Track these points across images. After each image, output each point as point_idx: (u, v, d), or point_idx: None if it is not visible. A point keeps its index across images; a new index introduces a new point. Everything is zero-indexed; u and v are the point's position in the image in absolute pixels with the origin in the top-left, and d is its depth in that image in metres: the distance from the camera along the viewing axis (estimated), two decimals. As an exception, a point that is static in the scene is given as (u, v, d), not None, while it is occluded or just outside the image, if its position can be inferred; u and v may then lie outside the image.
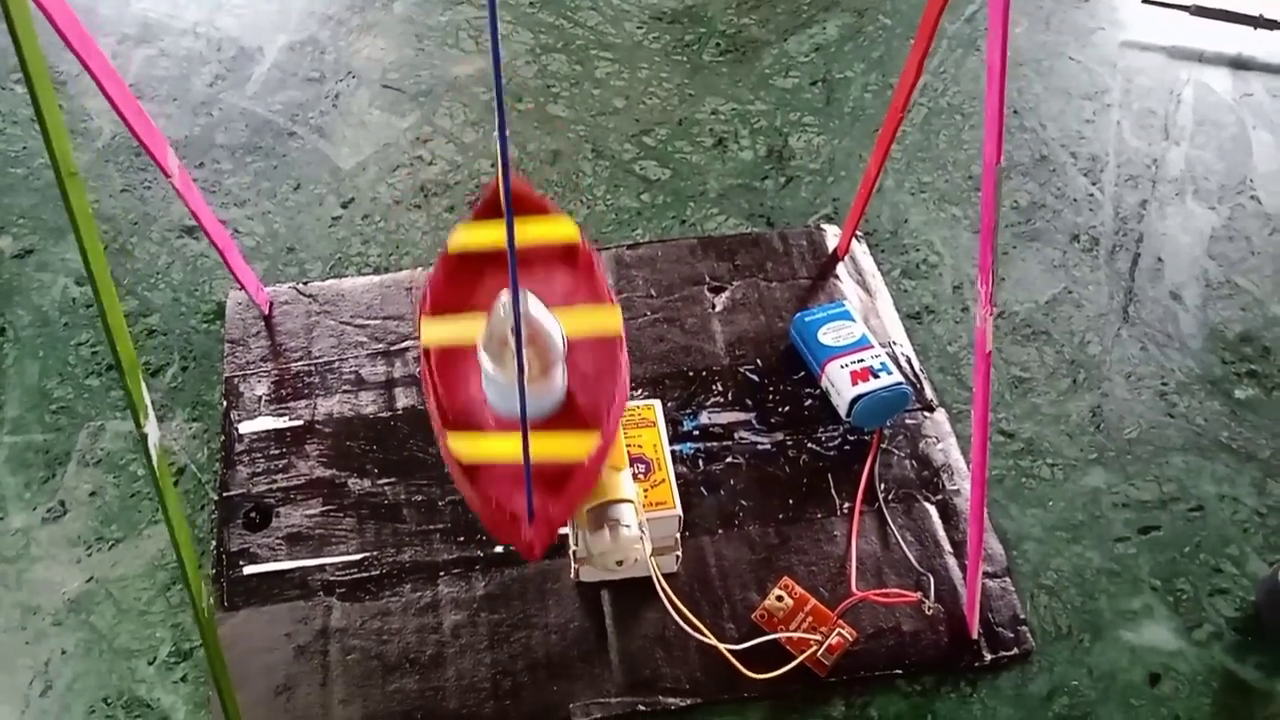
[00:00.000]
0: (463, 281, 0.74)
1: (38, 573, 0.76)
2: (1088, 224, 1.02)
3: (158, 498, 0.55)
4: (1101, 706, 0.75)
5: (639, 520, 0.71)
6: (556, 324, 0.67)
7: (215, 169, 1.01)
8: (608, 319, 0.70)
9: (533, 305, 0.66)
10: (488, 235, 0.74)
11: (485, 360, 0.66)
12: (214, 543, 0.78)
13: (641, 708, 0.72)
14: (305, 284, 0.93)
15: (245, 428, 0.84)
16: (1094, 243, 1.01)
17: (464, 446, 0.64)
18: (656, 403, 0.81)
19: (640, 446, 0.77)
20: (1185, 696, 0.75)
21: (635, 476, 0.75)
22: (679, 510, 0.74)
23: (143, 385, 0.55)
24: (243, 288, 0.87)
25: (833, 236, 0.99)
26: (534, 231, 0.74)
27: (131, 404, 0.54)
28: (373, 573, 0.77)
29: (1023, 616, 0.78)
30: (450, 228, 0.98)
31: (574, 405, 0.69)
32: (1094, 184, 1.06)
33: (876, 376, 0.85)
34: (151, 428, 0.56)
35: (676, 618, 0.70)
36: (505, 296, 0.65)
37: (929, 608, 0.76)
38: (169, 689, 0.72)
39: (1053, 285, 0.98)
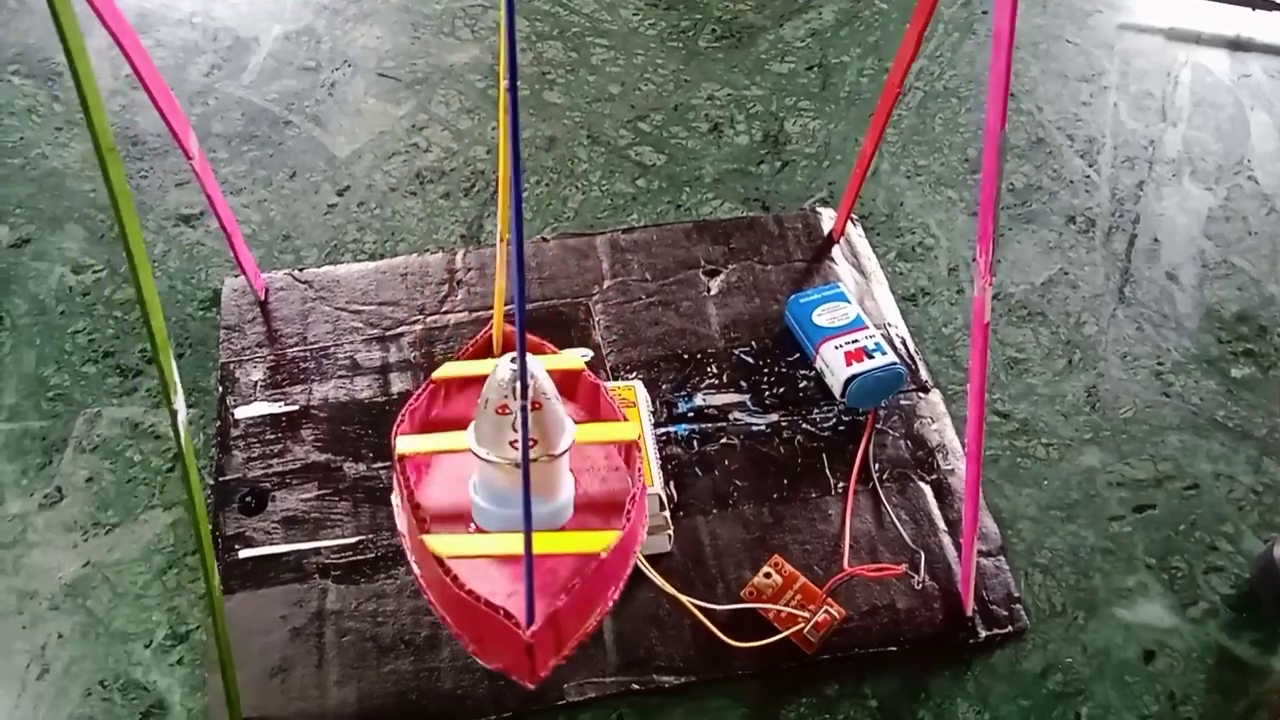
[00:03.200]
0: (446, 406, 0.69)
1: (35, 558, 0.77)
2: (1084, 205, 1.02)
3: (183, 474, 0.56)
4: (1096, 683, 0.75)
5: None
6: (563, 410, 0.59)
7: (211, 158, 1.01)
8: (622, 431, 0.65)
9: (540, 374, 0.57)
10: (475, 369, 0.68)
11: (475, 444, 0.58)
12: (210, 527, 0.78)
13: (635, 686, 0.72)
14: (301, 270, 0.93)
15: (241, 413, 0.84)
16: (1090, 224, 1.01)
17: (444, 545, 0.57)
18: (638, 383, 0.81)
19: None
20: (1180, 673, 0.75)
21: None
22: (659, 489, 0.74)
23: (173, 363, 0.55)
24: (244, 273, 0.88)
25: (828, 219, 0.99)
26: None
27: (163, 380, 0.54)
28: (367, 555, 0.77)
29: (1017, 594, 0.78)
30: (446, 214, 0.99)
31: (583, 521, 0.62)
32: (1090, 166, 1.06)
33: (871, 357, 0.85)
34: (180, 404, 0.56)
35: (667, 595, 0.71)
36: (504, 362, 0.58)
37: (918, 581, 0.76)
38: (165, 672, 0.72)
39: (1048, 266, 0.98)
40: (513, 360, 0.56)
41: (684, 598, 0.72)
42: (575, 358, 0.69)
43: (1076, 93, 1.12)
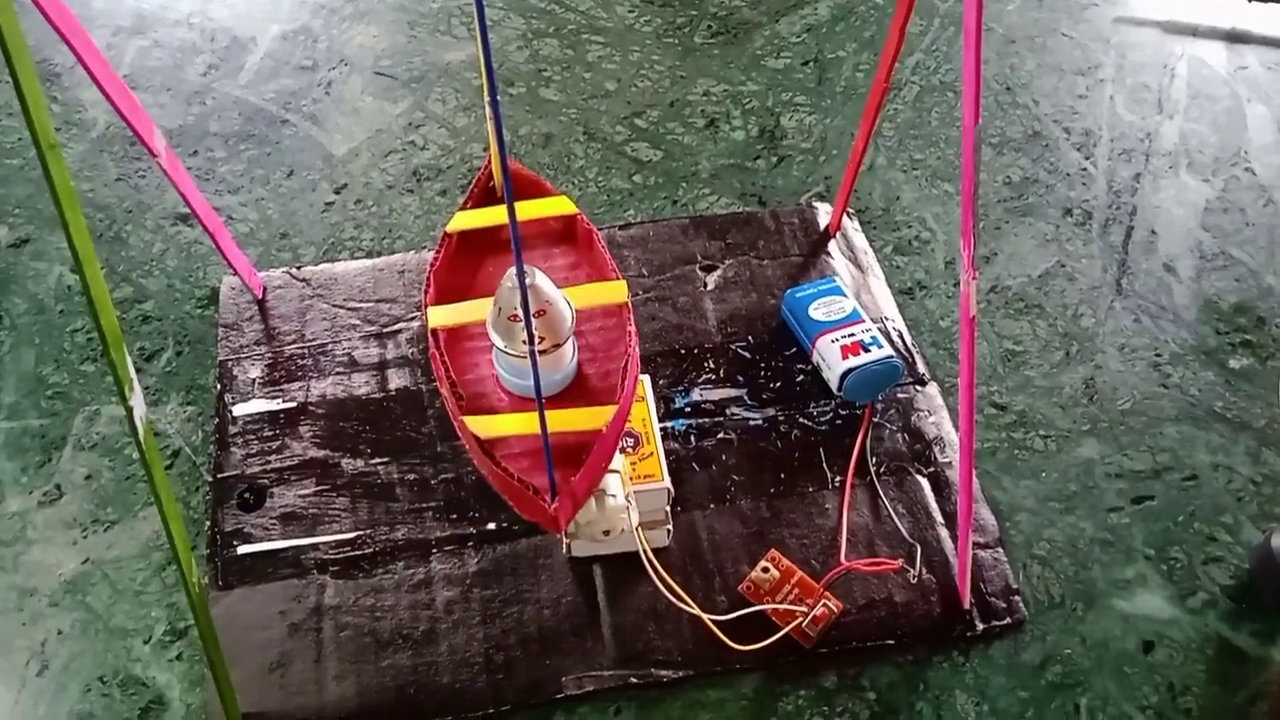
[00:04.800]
0: (465, 265, 0.75)
1: (34, 555, 0.77)
2: (1081, 198, 1.02)
3: (145, 469, 0.55)
4: (1095, 675, 0.75)
5: (625, 491, 0.71)
6: (564, 298, 0.69)
7: (209, 157, 1.01)
8: (614, 291, 0.72)
9: (540, 280, 0.67)
10: (485, 218, 0.76)
11: (495, 337, 0.67)
12: (208, 523, 0.78)
13: (634, 680, 0.73)
14: (298, 268, 0.93)
15: (239, 410, 0.84)
16: (1087, 216, 1.01)
17: (482, 426, 0.66)
18: (646, 378, 0.81)
19: (629, 420, 0.77)
20: (1179, 664, 0.75)
21: (624, 450, 0.76)
22: (668, 483, 0.75)
23: (128, 359, 0.55)
24: (235, 272, 0.88)
25: (824, 214, 0.99)
26: (532, 210, 0.76)
27: (116, 378, 0.55)
28: (366, 550, 0.78)
29: (1015, 586, 0.78)
30: (443, 211, 0.99)
31: (586, 378, 0.70)
32: (1087, 158, 1.06)
33: (867, 350, 0.85)
34: (137, 400, 0.56)
35: (663, 589, 0.71)
36: (512, 272, 0.66)
37: (913, 575, 0.76)
38: (164, 667, 0.72)
39: (1045, 259, 0.98)
40: (508, 279, 0.66)
41: (683, 598, 0.72)
42: (568, 202, 0.76)
43: (1073, 86, 1.12)
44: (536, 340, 0.65)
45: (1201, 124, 1.09)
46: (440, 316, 0.71)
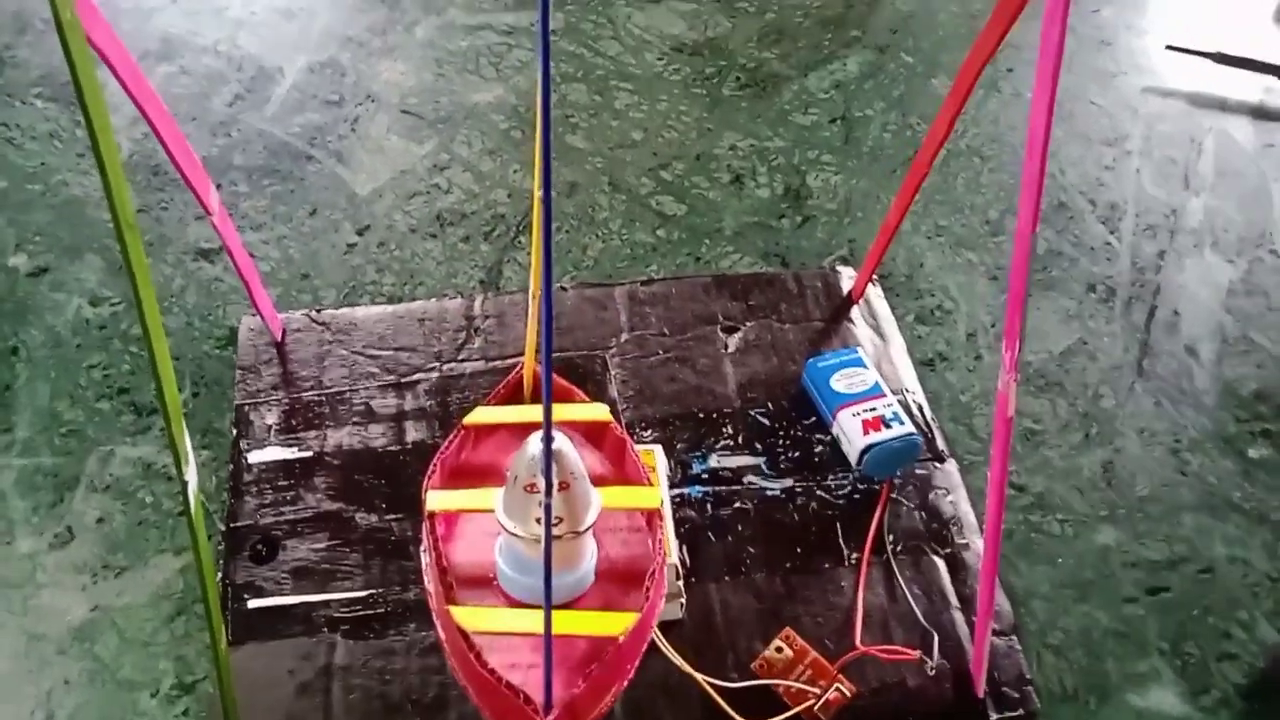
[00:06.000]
0: (477, 457, 0.70)
1: (43, 599, 0.76)
2: (1104, 274, 1.02)
3: (193, 547, 0.55)
4: (1105, 771, 0.74)
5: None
6: (592, 487, 0.61)
7: (232, 191, 1.01)
8: (645, 496, 0.65)
9: (566, 450, 0.58)
10: (506, 416, 0.70)
11: (503, 517, 0.59)
12: (220, 575, 0.78)
13: (643, 756, 0.72)
14: (319, 311, 0.92)
15: (254, 457, 0.83)
16: (1110, 293, 1.01)
17: (470, 619, 0.58)
18: (658, 448, 0.81)
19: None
20: (1190, 763, 0.75)
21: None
22: (676, 560, 0.74)
23: (186, 435, 0.55)
24: (261, 316, 0.87)
25: (847, 279, 0.98)
26: (564, 415, 0.70)
27: (175, 452, 0.54)
28: (377, 610, 0.77)
29: (1029, 676, 0.77)
30: (465, 259, 0.98)
31: (602, 590, 0.63)
32: (1112, 233, 1.05)
33: (888, 426, 0.84)
34: (192, 475, 0.56)
35: (677, 666, 0.70)
36: (534, 439, 0.58)
37: (930, 667, 0.75)
38: (169, 723, 0.72)
39: (1068, 336, 0.97)
40: (530, 446, 0.58)
41: (696, 675, 0.71)
42: (603, 409, 0.69)
43: (1100, 156, 1.12)
44: (554, 522, 0.56)
45: (1228, 202, 1.09)
46: (442, 502, 0.64)
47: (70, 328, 0.91)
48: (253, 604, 0.76)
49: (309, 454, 0.84)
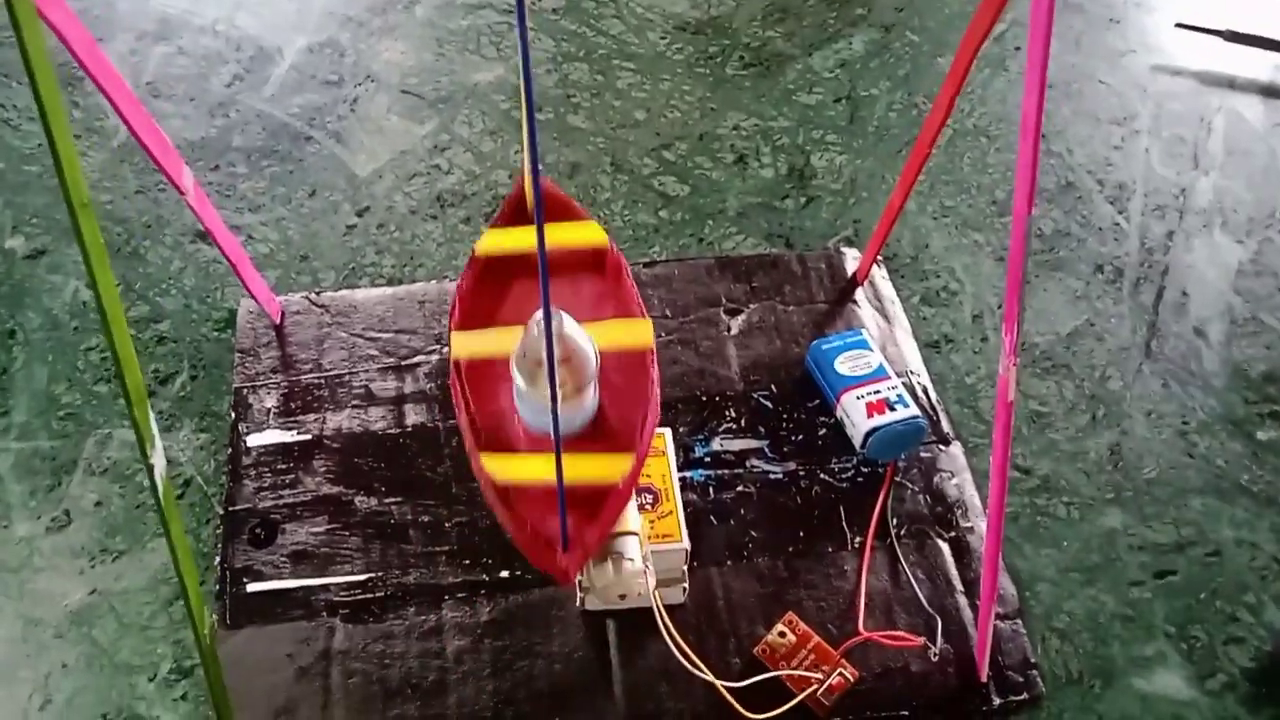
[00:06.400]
0: (492, 290, 0.74)
1: (40, 583, 0.76)
2: (1112, 254, 1.01)
3: (163, 529, 0.54)
4: (1110, 755, 0.74)
5: (643, 553, 0.70)
6: (590, 341, 0.68)
7: (231, 172, 1.00)
8: (639, 333, 0.72)
9: (567, 325, 0.66)
10: (516, 240, 0.75)
11: (518, 377, 0.66)
12: (218, 559, 0.77)
13: (643, 742, 0.72)
14: (318, 294, 0.92)
15: (253, 440, 0.83)
16: (1118, 274, 0.99)
17: (498, 467, 0.65)
18: (667, 431, 0.80)
19: (649, 476, 0.76)
20: (1196, 747, 0.74)
21: (642, 507, 0.74)
22: (686, 544, 0.73)
23: (150, 417, 0.54)
24: (255, 299, 0.86)
25: (852, 260, 0.97)
26: (562, 236, 0.75)
27: (139, 436, 0.53)
28: (376, 594, 0.76)
29: (1033, 660, 0.76)
30: (466, 240, 0.97)
31: (605, 420, 0.70)
32: (1120, 213, 1.04)
33: (893, 409, 0.84)
34: (158, 458, 0.55)
35: (678, 654, 0.69)
36: (539, 317, 0.66)
37: (934, 654, 0.75)
38: (169, 707, 0.71)
39: (1075, 317, 0.96)
40: (534, 324, 0.66)
41: (697, 664, 0.71)
42: (599, 230, 0.76)
43: (1108, 136, 1.11)
44: (559, 384, 0.63)
45: (1236, 181, 1.08)
46: (465, 346, 0.70)
47: (68, 310, 0.90)
48: (251, 588, 0.76)
49: (308, 437, 0.83)
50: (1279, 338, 0.96)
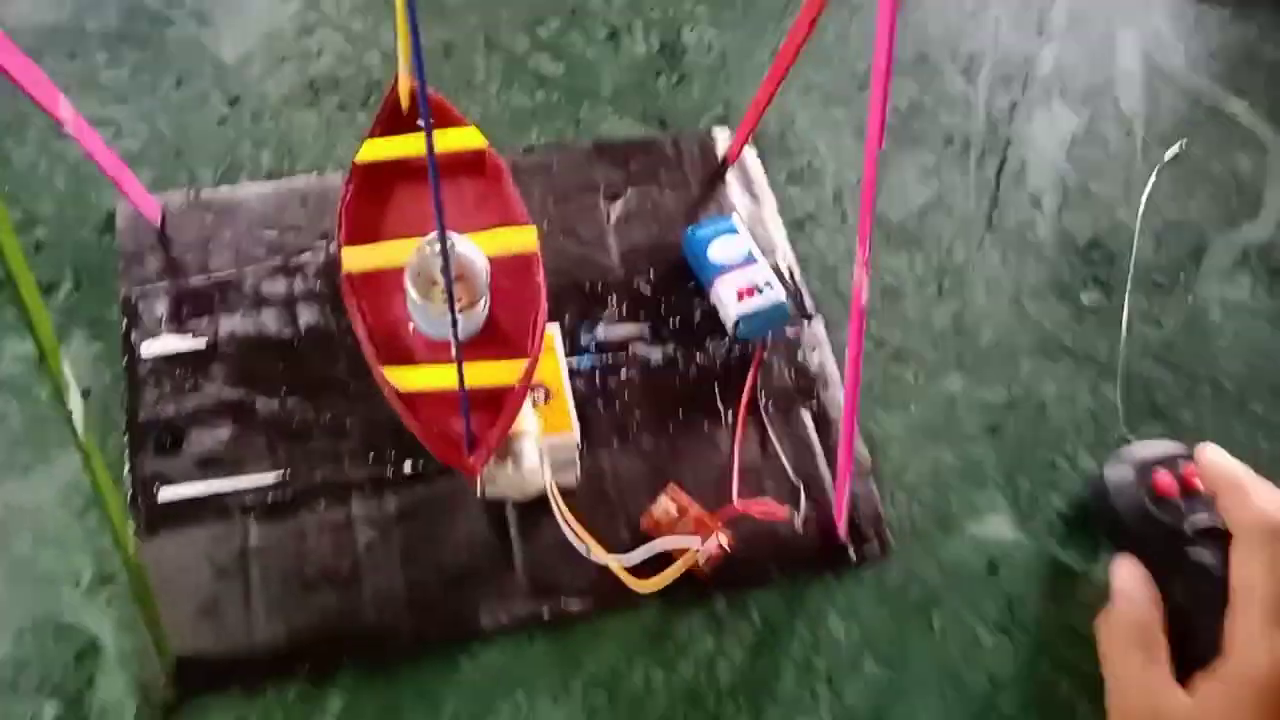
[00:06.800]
0: (376, 200, 0.78)
1: (-50, 502, 0.78)
2: (961, 127, 1.07)
3: (90, 477, 0.57)
4: (947, 594, 0.85)
5: (540, 448, 0.76)
6: (480, 254, 0.72)
7: (89, 63, 0.96)
8: (524, 239, 0.76)
9: (459, 244, 0.71)
10: (396, 148, 0.78)
11: (413, 292, 0.71)
12: (126, 468, 0.80)
13: (544, 612, 0.80)
14: (197, 192, 0.91)
15: (146, 349, 0.84)
16: (965, 146, 1.06)
17: (400, 378, 0.71)
18: (555, 327, 0.85)
19: (540, 374, 0.82)
20: (1019, 580, 0.86)
21: (534, 404, 0.80)
22: (577, 435, 0.80)
23: (64, 364, 0.56)
24: (139, 210, 0.86)
25: (723, 141, 1.01)
26: (442, 143, 0.78)
27: (55, 386, 0.55)
28: (286, 494, 0.81)
29: (884, 515, 0.87)
30: (342, 129, 0.97)
31: (497, 325, 0.75)
32: (969, 84, 1.10)
33: (760, 293, 0.90)
34: (76, 404, 0.57)
35: (573, 541, 0.77)
36: (430, 238, 0.71)
37: (798, 522, 0.84)
38: (95, 612, 0.76)
39: (925, 192, 1.03)
40: (425, 244, 0.71)
41: (592, 546, 0.78)
42: (476, 134, 0.80)
43: (961, 4, 1.15)
44: (456, 300, 0.67)
45: (1076, 50, 1.14)
46: (356, 260, 0.74)
47: (-67, 217, 0.88)
48: (163, 495, 0.80)
49: (202, 343, 0.85)
50: (1105, 208, 1.05)
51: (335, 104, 0.98)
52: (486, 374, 0.71)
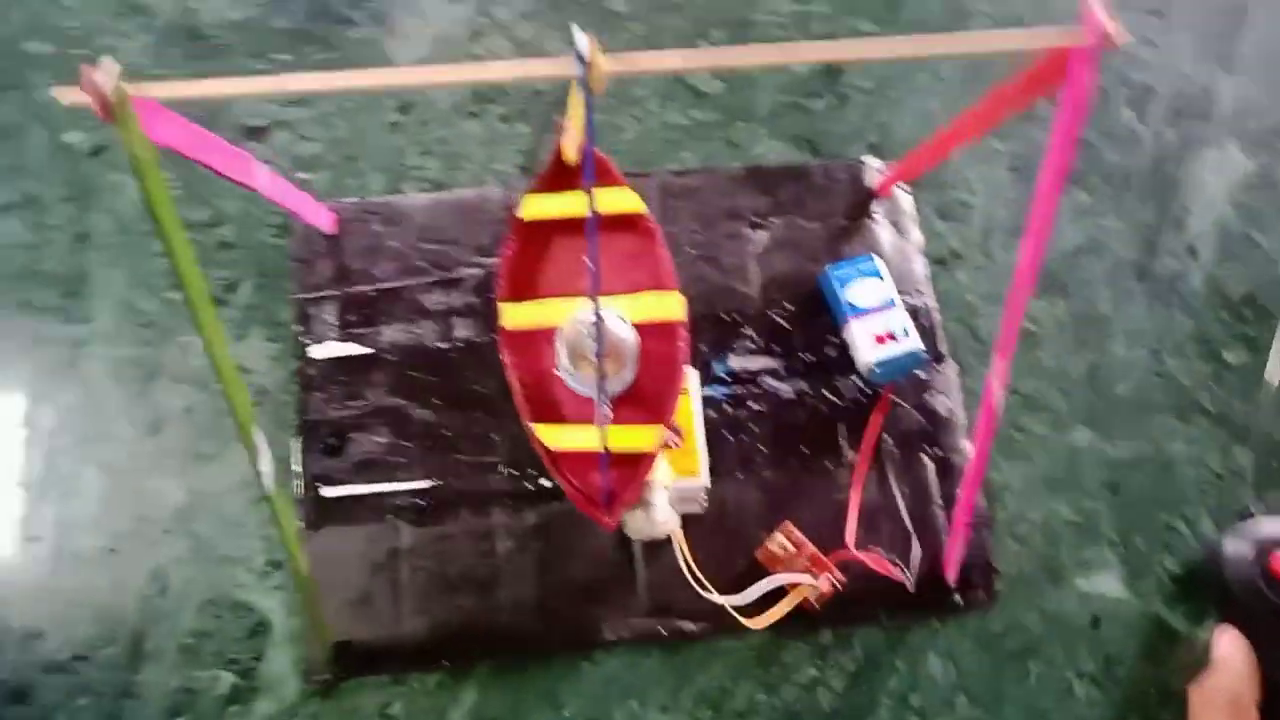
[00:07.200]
0: (535, 256, 0.85)
1: (147, 484, 0.87)
2: (1124, 164, 1.04)
3: (277, 526, 0.65)
4: (1047, 644, 0.88)
5: (669, 493, 0.81)
6: (629, 330, 0.79)
7: (275, 60, 1.01)
8: (671, 307, 0.82)
9: (609, 323, 0.77)
10: (558, 207, 0.84)
11: (563, 359, 0.78)
12: (298, 465, 0.88)
13: (661, 629, 0.86)
14: (368, 201, 0.97)
15: (316, 352, 0.92)
16: (1126, 184, 1.04)
17: (548, 436, 0.78)
18: (692, 372, 0.88)
19: (675, 415, 0.86)
20: (1119, 638, 0.88)
21: (666, 445, 0.85)
22: (705, 480, 0.84)
23: (255, 431, 0.63)
24: (310, 224, 0.92)
25: (873, 170, 1.01)
26: (600, 203, 0.80)
27: (250, 451, 0.63)
28: (435, 500, 0.88)
29: (995, 565, 0.89)
30: (505, 142, 1.01)
31: (639, 388, 0.82)
32: (1138, 118, 1.07)
33: (896, 340, 0.92)
34: (265, 463, 0.65)
35: (691, 580, 0.83)
36: (586, 313, 0.78)
37: (910, 584, 0.88)
38: (266, 594, 0.85)
39: (1079, 235, 1.02)
40: (579, 322, 0.80)
41: (707, 586, 0.84)
42: (637, 201, 0.85)
43: (1142, 26, 1.11)
44: (603, 373, 0.75)
45: (1260, 87, 1.09)
46: (513, 317, 0.82)
47: (134, 210, 0.96)
48: (326, 492, 0.88)
49: (367, 350, 0.92)
50: (1266, 261, 1.02)
51: (498, 114, 1.02)
52: (627, 438, 0.77)
